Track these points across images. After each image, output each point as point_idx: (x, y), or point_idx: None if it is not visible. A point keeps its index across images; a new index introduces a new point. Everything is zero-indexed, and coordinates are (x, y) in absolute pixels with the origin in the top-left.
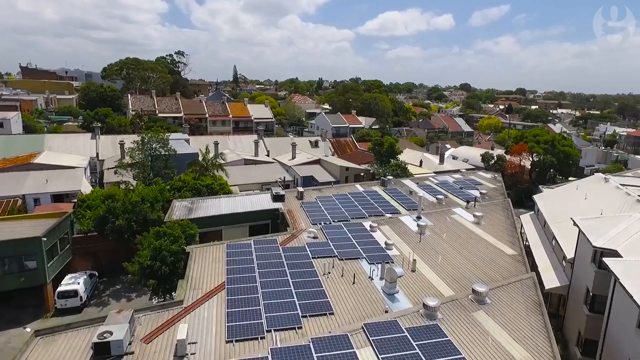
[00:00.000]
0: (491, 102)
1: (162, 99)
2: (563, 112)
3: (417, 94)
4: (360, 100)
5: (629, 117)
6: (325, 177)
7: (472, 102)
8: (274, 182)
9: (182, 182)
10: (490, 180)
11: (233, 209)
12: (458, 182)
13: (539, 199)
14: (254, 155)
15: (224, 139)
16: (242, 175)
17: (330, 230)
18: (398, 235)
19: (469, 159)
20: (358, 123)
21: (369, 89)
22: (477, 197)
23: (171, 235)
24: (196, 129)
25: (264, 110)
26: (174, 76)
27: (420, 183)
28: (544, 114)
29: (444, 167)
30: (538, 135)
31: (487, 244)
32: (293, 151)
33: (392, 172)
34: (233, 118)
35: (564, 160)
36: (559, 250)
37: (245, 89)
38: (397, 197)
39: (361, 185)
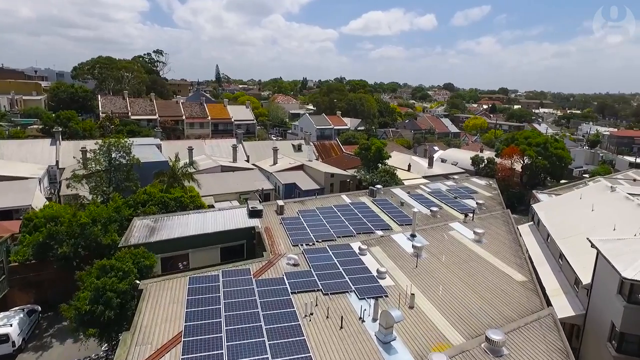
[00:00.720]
0: (475, 102)
1: (136, 100)
2: (545, 112)
3: (402, 94)
4: (345, 100)
5: (609, 117)
6: (309, 184)
7: (457, 102)
8: (253, 191)
9: (148, 195)
10: (485, 187)
11: (202, 229)
12: (452, 191)
13: (539, 209)
14: (232, 161)
15: (200, 143)
16: (218, 184)
17: (314, 255)
18: (391, 258)
19: (458, 162)
20: (343, 124)
21: (354, 89)
22: (474, 209)
23: (120, 270)
24: (172, 132)
25: (245, 111)
26: (151, 76)
27: (411, 192)
28: (528, 113)
29: (433, 171)
30: (529, 137)
31: (493, 269)
32: (274, 156)
33: (380, 179)
34: (212, 120)
35: (557, 163)
36: (569, 271)
37: (228, 89)
38: (387, 210)
39: (348, 195)
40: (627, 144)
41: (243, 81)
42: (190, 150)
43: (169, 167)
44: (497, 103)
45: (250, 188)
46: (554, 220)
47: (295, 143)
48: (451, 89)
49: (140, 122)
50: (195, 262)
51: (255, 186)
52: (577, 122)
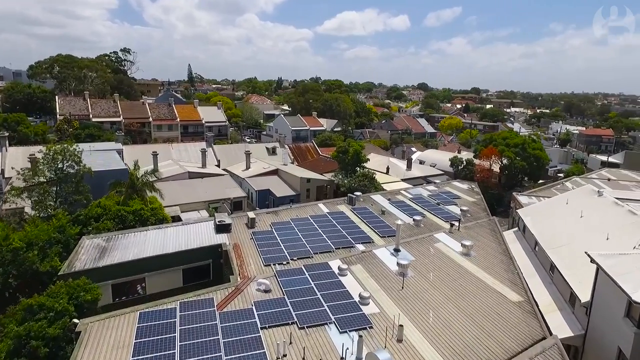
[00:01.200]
0: (448, 102)
1: (98, 101)
2: (516, 111)
3: (377, 94)
4: (320, 101)
5: (576, 116)
6: (284, 190)
7: (431, 101)
8: (223, 200)
9: (102, 208)
10: (468, 192)
11: (162, 248)
12: (434, 196)
13: (524, 214)
14: (201, 167)
15: (167, 147)
16: (185, 193)
17: (288, 278)
18: (374, 278)
19: (437, 164)
20: (319, 125)
21: (330, 89)
22: (459, 218)
23: (51, 310)
24: (138, 135)
25: (217, 112)
26: (117, 75)
27: (392, 199)
28: (500, 113)
29: (412, 174)
30: (507, 138)
31: (485, 287)
32: (247, 160)
33: (358, 183)
34: (181, 122)
35: (534, 164)
36: (562, 285)
37: (201, 89)
38: (368, 220)
39: (325, 204)
40: (596, 142)
41: (217, 81)
42: (155, 155)
43: (128, 176)
44: (470, 103)
45: (220, 196)
46: (541, 227)
47: (269, 146)
48: (425, 88)
49: (103, 125)
50: (153, 287)
51: (225, 194)
52: (547, 121)
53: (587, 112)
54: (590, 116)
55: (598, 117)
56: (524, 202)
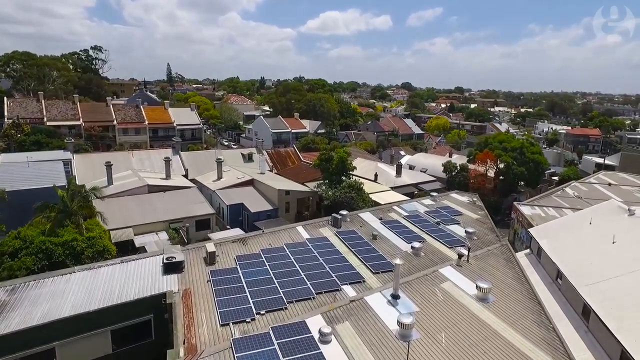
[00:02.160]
0: (433, 101)
1: (54, 102)
2: (500, 110)
3: (361, 93)
4: (303, 101)
5: (559, 115)
6: (260, 204)
7: (416, 101)
8: (187, 218)
9: (22, 240)
10: (469, 206)
11: (86, 301)
12: (432, 213)
13: (539, 236)
14: (165, 178)
15: (126, 156)
16: (141, 211)
17: (249, 354)
18: (368, 346)
19: (428, 169)
20: (302, 127)
21: (313, 89)
22: (467, 245)
23: None
24: (100, 141)
25: (190, 114)
26: (86, 75)
27: (384, 218)
28: (485, 112)
29: (402, 181)
30: (504, 141)
31: (515, 352)
32: (219, 170)
33: (344, 195)
34: (150, 125)
35: (533, 169)
36: (606, 339)
37: (180, 89)
38: (357, 249)
39: (306, 227)
40: (583, 142)
41: (198, 80)
42: (108, 166)
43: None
44: (454, 102)
45: (183, 214)
46: (563, 254)
47: (245, 152)
48: (409, 88)
49: (60, 130)
50: (68, 359)
51: (190, 211)
52: (532, 121)
53: (570, 111)
54: (573, 115)
55: (580, 116)
56: (527, 213)
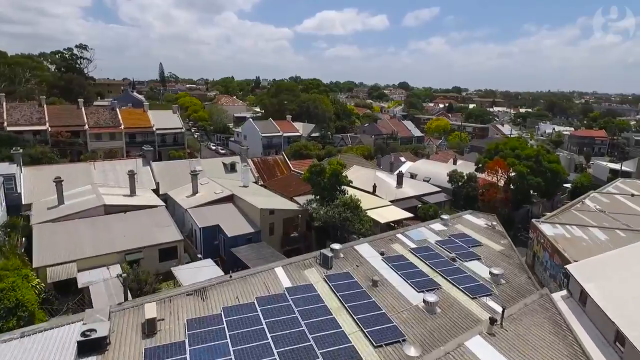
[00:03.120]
0: (431, 101)
1: (18, 105)
2: (500, 110)
3: (358, 93)
4: (296, 102)
5: (559, 115)
6: (240, 226)
7: (414, 101)
8: (148, 247)
9: None
10: (488, 232)
11: None
12: (445, 243)
13: (583, 278)
14: (129, 194)
15: (87, 168)
16: (92, 239)
17: None
18: None
19: (432, 178)
20: (294, 131)
21: (307, 89)
22: (494, 293)
23: None
24: (69, 148)
25: (172, 117)
26: (67, 75)
27: (387, 252)
28: (485, 113)
29: (403, 192)
30: (517, 148)
31: None
32: (194, 184)
33: (338, 216)
34: (126, 130)
35: (551, 179)
36: None
37: (172, 89)
38: (351, 303)
39: (287, 269)
40: (589, 144)
41: (193, 80)
42: (58, 182)
43: None
44: (453, 102)
45: (144, 241)
46: (623, 307)
47: (226, 161)
48: (406, 87)
49: (23, 135)
50: None
51: (152, 237)
52: (534, 122)
53: (570, 111)
54: (574, 115)
55: (581, 116)
56: (548, 234)
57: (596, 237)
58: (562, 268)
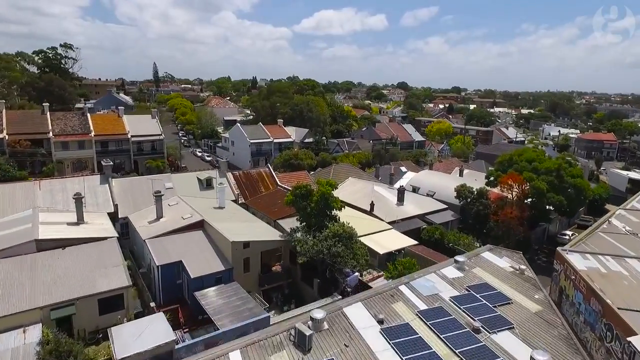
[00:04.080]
0: (430, 101)
1: None
2: (501, 111)
3: (356, 93)
4: (290, 105)
5: (562, 116)
6: (207, 262)
7: (413, 101)
8: (83, 298)
9: None
10: (515, 280)
11: None
12: (462, 301)
13: None
14: (76, 222)
15: (30, 188)
16: (10, 288)
17: None
18: None
19: (436, 192)
20: (286, 136)
21: (302, 90)
22: None
23: None
24: (29, 158)
25: (150, 123)
26: (47, 75)
27: (386, 319)
28: (487, 114)
29: (405, 211)
30: (534, 160)
31: None
32: (158, 207)
33: (327, 250)
34: (98, 137)
35: (575, 197)
36: None
37: (166, 89)
38: None
39: (246, 357)
40: (597, 148)
41: (189, 80)
42: None
43: None
44: (452, 102)
45: (76, 292)
46: None
47: (202, 177)
48: (405, 87)
49: None
50: None
51: (90, 285)
52: (537, 123)
53: (572, 112)
54: (577, 116)
55: (584, 117)
56: (580, 268)
57: (638, 273)
58: (603, 317)
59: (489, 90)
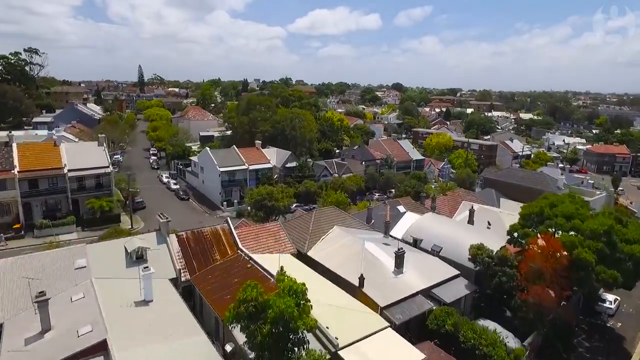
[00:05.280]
0: (426, 104)
1: None
2: (499, 116)
3: (350, 96)
4: (271, 122)
5: (562, 121)
6: None
7: (409, 106)
8: None
9: None
10: None
11: None
12: None
13: None
14: None
15: None
16: None
17: None
18: None
19: (443, 247)
20: (264, 161)
21: (287, 102)
22: None
23: None
24: None
25: (96, 151)
26: (0, 86)
27: None
28: (487, 121)
29: (405, 282)
30: (572, 216)
31: None
32: (43, 318)
33: None
34: (23, 174)
35: (633, 271)
36: None
37: (148, 95)
38: None
39: None
40: (609, 162)
41: (179, 82)
42: None
43: None
44: (449, 105)
45: None
46: None
47: (131, 246)
48: (400, 89)
49: None
50: None
51: None
52: (539, 131)
53: (573, 116)
54: (579, 122)
55: (587, 122)
56: None
57: None
58: None
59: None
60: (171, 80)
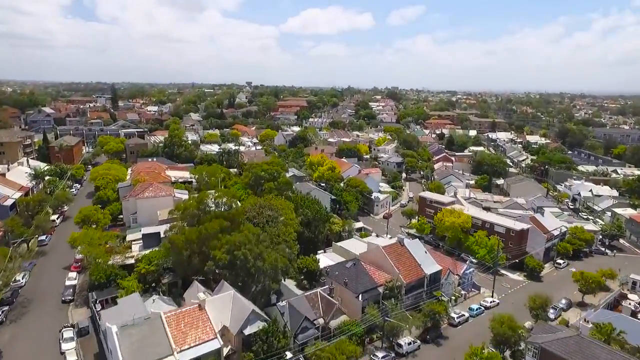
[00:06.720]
0: (424, 121)
1: None
2: (505, 141)
3: (344, 110)
4: (228, 246)
5: (576, 149)
6: None
7: (408, 137)
8: None
9: None
10: None
11: None
12: None
13: None
14: None
15: None
16: None
17: None
18: None
19: None
20: (207, 336)
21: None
22: None
23: None
24: None
25: None
26: None
27: None
28: (499, 161)
29: None
30: None
31: None
32: None
33: None
34: None
35: None
36: None
37: (111, 129)
38: None
39: None
40: None
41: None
42: None
43: None
44: (450, 126)
45: None
46: None
47: None
48: (395, 96)
49: None
50: None
51: None
52: (559, 175)
53: (587, 142)
54: (592, 150)
55: (602, 150)
56: None
57: None
58: None
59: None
60: (158, 87)
